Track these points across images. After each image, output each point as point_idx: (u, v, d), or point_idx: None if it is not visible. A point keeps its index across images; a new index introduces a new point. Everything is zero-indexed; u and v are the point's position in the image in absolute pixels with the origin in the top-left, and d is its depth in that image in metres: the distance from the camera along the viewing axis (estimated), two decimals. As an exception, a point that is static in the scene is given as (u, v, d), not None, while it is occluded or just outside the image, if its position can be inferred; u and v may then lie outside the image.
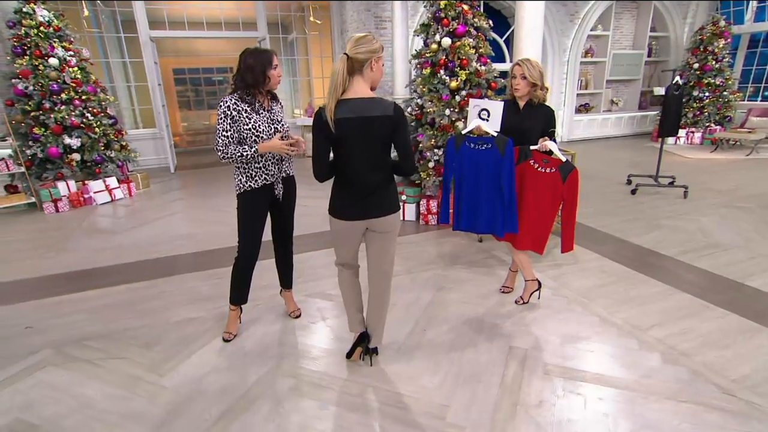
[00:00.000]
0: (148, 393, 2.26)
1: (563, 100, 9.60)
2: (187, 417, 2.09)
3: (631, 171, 6.28)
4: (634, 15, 10.30)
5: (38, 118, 5.58)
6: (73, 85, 5.75)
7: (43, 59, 5.61)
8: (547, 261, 3.69)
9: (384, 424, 2.02)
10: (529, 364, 2.41)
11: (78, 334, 2.81)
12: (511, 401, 2.14)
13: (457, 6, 4.49)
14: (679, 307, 2.94)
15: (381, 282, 2.32)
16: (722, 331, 2.65)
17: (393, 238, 2.26)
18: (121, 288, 3.42)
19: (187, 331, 2.80)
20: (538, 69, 2.74)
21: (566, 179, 2.84)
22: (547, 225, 2.95)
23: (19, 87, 5.57)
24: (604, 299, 3.07)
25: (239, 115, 2.42)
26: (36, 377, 2.41)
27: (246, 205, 2.57)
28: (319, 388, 2.26)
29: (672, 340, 2.58)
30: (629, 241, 4.08)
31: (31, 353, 2.63)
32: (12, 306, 3.23)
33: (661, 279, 3.33)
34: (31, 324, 2.95)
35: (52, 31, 5.75)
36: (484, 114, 2.83)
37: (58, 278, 3.66)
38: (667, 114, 5.25)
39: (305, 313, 2.99)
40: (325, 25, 9.47)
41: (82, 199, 5.72)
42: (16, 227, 5.05)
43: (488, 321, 2.85)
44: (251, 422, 2.05)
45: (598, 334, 2.66)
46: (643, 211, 4.93)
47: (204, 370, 2.43)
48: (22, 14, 5.65)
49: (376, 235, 2.21)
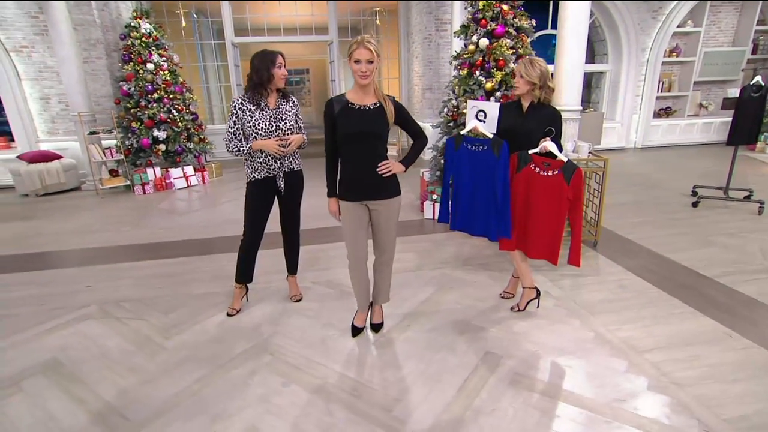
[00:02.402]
0: (151, 351, 2.55)
1: (639, 103, 8.66)
2: (173, 376, 2.32)
3: (701, 181, 5.51)
4: (737, 7, 8.93)
5: (136, 114, 6.42)
6: (164, 86, 6.51)
7: (142, 65, 6.43)
8: (563, 270, 3.42)
9: (332, 407, 2.06)
10: (499, 371, 2.29)
11: (120, 296, 3.23)
12: (463, 405, 2.06)
13: (496, 6, 4.30)
14: (696, 333, 2.57)
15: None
16: (736, 365, 2.27)
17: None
18: (166, 261, 3.85)
19: (202, 303, 3.08)
20: (539, 68, 2.55)
21: (570, 180, 2.61)
22: (558, 231, 2.74)
23: (124, 88, 6.45)
24: (609, 316, 2.78)
25: (243, 114, 2.60)
26: (77, 327, 2.83)
27: (251, 193, 2.76)
28: (290, 367, 2.37)
29: (669, 366, 2.27)
30: (666, 256, 3.62)
31: (83, 307, 3.09)
32: (84, 267, 3.79)
33: (687, 300, 2.92)
34: (90, 284, 3.45)
35: (152, 41, 6.56)
36: (481, 115, 2.73)
37: (124, 249, 4.21)
38: (742, 119, 4.52)
39: (306, 298, 3.12)
40: (393, 28, 9.58)
41: (165, 184, 6.46)
42: (112, 204, 5.88)
43: (475, 324, 2.74)
44: (221, 388, 2.22)
45: (586, 351, 2.43)
46: (698, 225, 4.32)
47: (202, 338, 2.67)
48: (130, 28, 6.52)
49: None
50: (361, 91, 2.21)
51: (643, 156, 8.15)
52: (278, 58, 2.60)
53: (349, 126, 2.19)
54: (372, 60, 2.10)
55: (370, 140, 2.23)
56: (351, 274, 2.52)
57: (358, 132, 2.19)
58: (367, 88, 2.20)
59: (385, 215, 2.37)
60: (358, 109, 2.20)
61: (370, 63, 2.11)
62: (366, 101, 2.22)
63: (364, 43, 2.07)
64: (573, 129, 4.33)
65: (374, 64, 2.12)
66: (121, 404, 2.13)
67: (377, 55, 2.11)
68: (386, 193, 2.32)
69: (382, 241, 2.46)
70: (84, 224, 5.03)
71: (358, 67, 2.10)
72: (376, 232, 2.44)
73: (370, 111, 2.21)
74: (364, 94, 2.21)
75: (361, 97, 2.22)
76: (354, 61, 2.10)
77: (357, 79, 2.14)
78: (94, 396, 2.19)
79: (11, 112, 7.01)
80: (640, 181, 6.16)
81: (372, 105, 2.22)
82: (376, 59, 2.12)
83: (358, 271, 2.50)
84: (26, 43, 6.82)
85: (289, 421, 1.99)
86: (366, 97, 2.22)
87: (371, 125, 2.21)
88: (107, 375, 2.35)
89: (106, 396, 2.18)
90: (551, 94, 2.65)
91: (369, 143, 2.24)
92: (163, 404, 2.11)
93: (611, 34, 8.34)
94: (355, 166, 2.27)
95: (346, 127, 2.20)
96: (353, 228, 2.37)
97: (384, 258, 2.52)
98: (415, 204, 5.29)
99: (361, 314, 2.68)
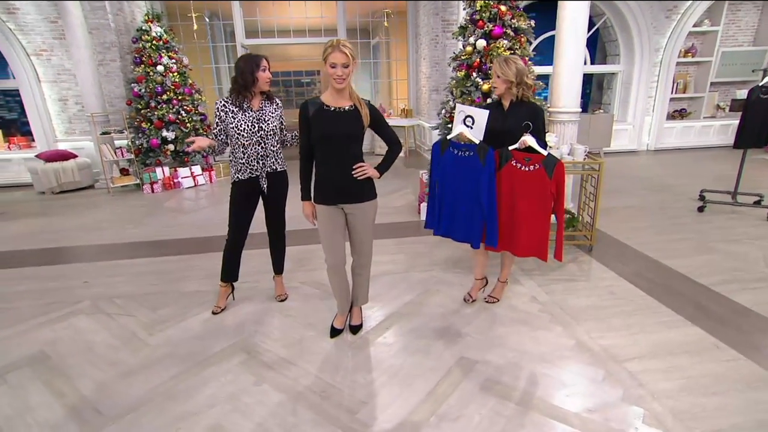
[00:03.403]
0: (135, 347, 2.60)
1: (652, 105, 8.40)
2: (150, 372, 2.36)
3: (712, 186, 5.30)
4: (758, 6, 8.58)
5: (146, 114, 6.56)
6: (173, 88, 6.63)
7: (153, 67, 6.57)
8: (553, 274, 3.35)
9: (298, 408, 2.06)
10: (471, 377, 2.25)
11: (113, 292, 3.30)
12: (429, 410, 2.02)
13: (493, 7, 4.23)
14: (681, 342, 2.47)
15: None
16: (719, 377, 2.18)
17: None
18: (163, 259, 3.92)
19: (190, 301, 3.13)
20: (514, 66, 2.50)
21: (552, 174, 2.56)
22: (543, 227, 2.70)
23: (135, 90, 6.60)
24: (594, 323, 2.70)
25: (227, 116, 2.63)
26: (69, 321, 2.91)
27: (234, 194, 2.79)
28: (264, 367, 2.38)
29: (647, 376, 2.19)
30: (662, 262, 3.49)
31: (77, 302, 3.17)
32: (85, 263, 3.90)
33: (677, 309, 2.81)
34: (88, 279, 3.54)
35: (162, 44, 6.69)
36: (469, 121, 2.68)
37: (125, 246, 4.31)
38: (749, 121, 4.33)
39: (292, 298, 3.13)
40: (402, 30, 9.55)
41: (173, 183, 6.59)
42: (120, 202, 6.03)
43: (454, 329, 2.70)
44: (194, 386, 2.24)
45: (564, 359, 2.37)
46: (702, 231, 4.16)
47: (185, 335, 2.70)
48: (141, 31, 6.67)
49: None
50: (336, 95, 2.20)
51: (654, 159, 7.90)
52: (263, 62, 2.61)
53: (323, 128, 2.18)
54: (348, 64, 2.09)
55: (345, 142, 2.22)
56: (330, 278, 2.52)
57: (332, 134, 2.18)
58: (342, 92, 2.19)
59: (361, 219, 2.35)
60: (333, 111, 2.19)
61: (346, 67, 2.09)
62: (341, 104, 2.21)
63: (340, 46, 2.05)
64: (572, 131, 4.23)
65: (350, 68, 2.11)
66: (97, 398, 2.17)
67: (353, 59, 2.09)
68: (361, 196, 2.31)
69: (359, 245, 2.45)
70: (92, 221, 5.17)
71: (334, 71, 2.08)
72: (353, 235, 2.43)
73: (344, 113, 2.20)
74: (339, 97, 2.20)
75: (337, 100, 2.21)
76: (329, 65, 2.08)
77: (332, 83, 2.13)
78: (73, 390, 2.24)
79: (32, 113, 7.26)
80: (648, 185, 5.98)
81: (347, 107, 2.21)
82: (352, 63, 2.10)
83: (336, 275, 2.49)
84: (45, 47, 7.05)
85: (254, 420, 1.99)
86: (341, 100, 2.21)
87: (345, 127, 2.20)
88: (89, 369, 2.40)
89: (84, 390, 2.23)
90: (530, 91, 2.61)
91: (343, 145, 2.23)
92: (136, 400, 2.15)
93: (623, 34, 8.12)
94: (329, 168, 2.26)
95: (320, 129, 2.19)
96: (329, 231, 2.36)
97: (361, 261, 2.51)
98: (414, 205, 5.26)
99: (341, 317, 2.67)
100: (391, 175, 7.31)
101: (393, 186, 6.45)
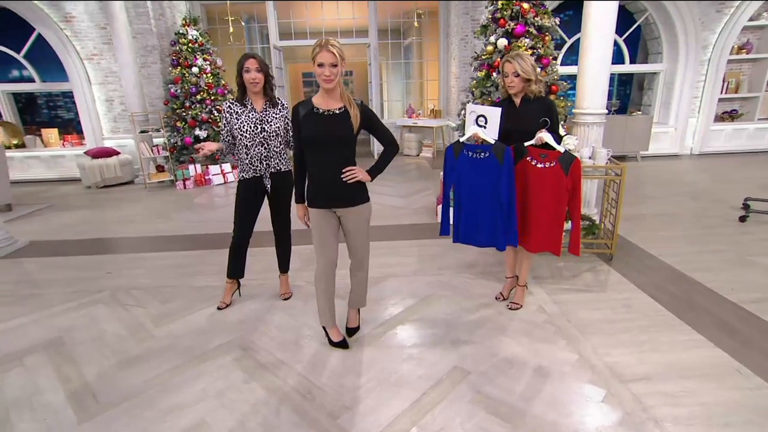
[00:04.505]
0: (141, 338, 2.68)
1: (698, 106, 7.80)
2: (150, 363, 2.43)
3: (759, 194, 4.84)
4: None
5: (180, 114, 6.83)
6: (207, 88, 6.86)
7: (188, 69, 6.82)
8: (568, 284, 3.16)
9: (282, 408, 2.05)
10: (461, 388, 2.15)
11: (131, 283, 3.44)
12: (411, 420, 1.95)
13: (515, 5, 4.05)
14: (699, 365, 2.25)
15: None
16: (736, 406, 1.96)
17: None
18: (182, 253, 4.05)
19: (199, 295, 3.20)
20: (530, 63, 2.39)
21: (569, 171, 2.46)
22: (558, 223, 2.61)
23: (172, 90, 6.88)
24: (602, 337, 2.51)
25: (231, 116, 2.67)
26: (87, 309, 3.05)
27: (239, 193, 2.83)
28: (256, 364, 2.39)
29: (653, 400, 2.00)
30: (689, 275, 3.21)
31: (98, 291, 3.32)
32: (112, 255, 4.10)
33: (698, 327, 2.57)
34: (112, 270, 3.71)
35: (197, 46, 6.93)
36: (481, 120, 2.59)
37: (151, 240, 4.49)
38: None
39: (296, 297, 3.13)
40: (434, 30, 9.41)
41: (204, 180, 6.82)
42: (155, 197, 6.31)
43: (453, 336, 2.60)
44: (188, 379, 2.28)
45: (563, 375, 2.21)
46: (740, 243, 3.80)
47: (188, 329, 2.76)
48: (179, 35, 6.94)
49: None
50: (326, 96, 2.15)
51: (698, 163, 7.34)
52: (246, 63, 2.60)
53: (312, 131, 2.14)
54: (336, 64, 2.04)
55: (335, 145, 2.17)
56: (316, 284, 2.37)
57: (321, 136, 2.13)
58: (332, 93, 2.14)
59: (354, 222, 2.30)
60: (322, 114, 2.15)
61: (334, 67, 2.05)
62: (331, 105, 2.16)
63: (327, 46, 2.01)
64: (596, 134, 3.97)
65: (338, 68, 2.06)
66: (98, 386, 2.25)
67: (341, 59, 2.05)
68: (353, 200, 2.25)
69: (354, 249, 2.39)
70: (126, 215, 5.43)
71: (322, 71, 2.04)
72: (347, 238, 2.38)
73: (334, 116, 2.15)
74: (329, 98, 2.16)
75: (327, 102, 2.16)
76: (317, 65, 2.05)
77: (321, 83, 2.09)
78: (78, 376, 2.34)
79: (83, 113, 7.74)
80: (686, 191, 5.55)
81: (337, 109, 2.16)
82: (341, 63, 2.06)
83: (323, 281, 2.34)
84: (96, 51, 7.48)
85: (236, 417, 2.00)
86: (331, 101, 2.16)
87: (335, 130, 2.14)
88: (96, 357, 2.50)
89: (88, 376, 2.33)
90: (543, 87, 2.50)
91: (334, 148, 2.17)
92: (132, 390, 2.21)
93: (667, 31, 7.58)
94: (320, 171, 2.21)
95: (309, 132, 2.14)
96: (321, 235, 2.30)
97: (358, 264, 2.45)
98: (434, 207, 5.15)
99: (332, 329, 2.50)
100: (416, 175, 7.25)
101: (416, 187, 6.37)
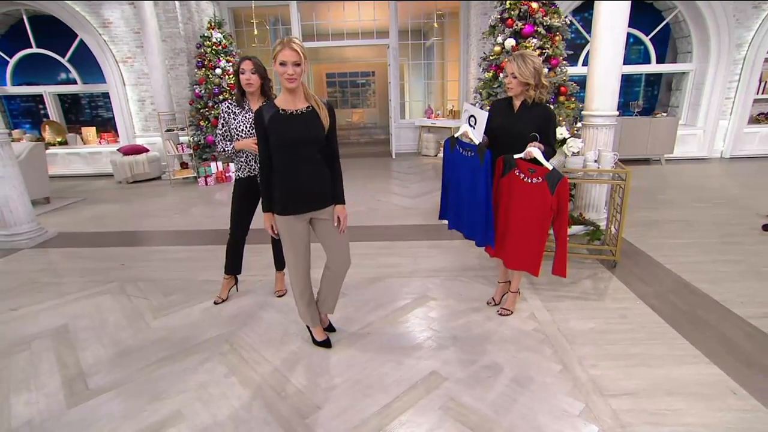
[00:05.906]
0: (138, 329, 2.77)
1: (730, 107, 7.31)
2: (142, 353, 2.50)
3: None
4: None
5: (204, 113, 7.02)
6: (229, 89, 7.01)
7: (212, 70, 7.00)
8: (564, 291, 3.03)
9: (254, 404, 2.06)
10: (435, 394, 2.09)
11: (140, 275, 3.56)
12: (378, 425, 1.92)
13: (523, 4, 3.91)
14: (689, 382, 2.10)
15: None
16: (724, 428, 1.81)
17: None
18: (191, 247, 4.16)
19: (199, 289, 3.27)
20: (532, 65, 2.27)
21: (554, 190, 2.35)
22: (538, 242, 2.50)
23: (197, 91, 7.08)
24: (591, 348, 2.39)
25: (229, 116, 2.71)
26: (95, 299, 3.18)
27: (235, 191, 2.87)
28: (239, 359, 2.41)
29: (633, 417, 1.88)
30: (695, 286, 3.01)
31: (109, 282, 3.46)
32: (127, 247, 4.25)
33: (696, 341, 2.40)
34: (125, 262, 3.85)
35: (221, 48, 7.10)
36: (472, 120, 2.53)
37: (166, 234, 4.64)
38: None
39: (290, 294, 3.15)
40: (455, 30, 9.26)
41: (224, 177, 6.99)
42: (177, 193, 6.52)
43: (436, 340, 2.54)
44: (173, 370, 2.33)
45: (542, 386, 2.12)
46: (757, 254, 3.52)
47: (183, 322, 2.83)
48: (204, 38, 7.14)
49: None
50: (290, 96, 2.06)
51: (727, 167, 6.88)
52: (241, 65, 2.61)
53: (281, 134, 2.05)
54: (299, 62, 1.95)
55: (306, 147, 2.10)
56: (293, 288, 2.37)
57: (291, 139, 2.06)
58: (296, 92, 2.05)
59: (330, 223, 2.26)
60: (289, 115, 2.06)
61: (297, 65, 1.96)
62: (297, 105, 2.08)
63: (290, 44, 1.93)
64: (605, 137, 3.80)
65: (301, 67, 1.97)
66: (91, 373, 2.34)
67: (304, 57, 1.96)
68: (325, 201, 2.22)
69: (336, 249, 2.33)
70: (148, 209, 5.64)
71: (284, 70, 1.95)
72: (327, 242, 2.30)
73: (302, 116, 2.07)
74: (293, 98, 2.07)
75: (292, 102, 2.07)
76: (279, 64, 1.95)
77: (283, 82, 2.00)
78: (75, 362, 2.44)
79: (117, 112, 8.11)
80: (708, 196, 5.21)
81: (304, 109, 2.08)
82: (303, 61, 1.97)
83: (300, 286, 2.34)
84: (130, 54, 7.81)
85: (211, 411, 2.03)
86: (296, 101, 2.08)
87: (305, 131, 2.07)
88: (94, 345, 2.61)
89: (83, 364, 2.42)
90: (546, 93, 2.37)
91: (305, 150, 2.10)
92: (121, 379, 2.28)
93: (697, 29, 7.14)
94: (294, 176, 2.12)
95: (278, 136, 2.06)
96: (294, 242, 2.23)
97: (338, 267, 2.37)
98: (440, 208, 5.06)
99: (315, 328, 2.51)
100: (431, 176, 7.15)
101: (428, 187, 6.30)
